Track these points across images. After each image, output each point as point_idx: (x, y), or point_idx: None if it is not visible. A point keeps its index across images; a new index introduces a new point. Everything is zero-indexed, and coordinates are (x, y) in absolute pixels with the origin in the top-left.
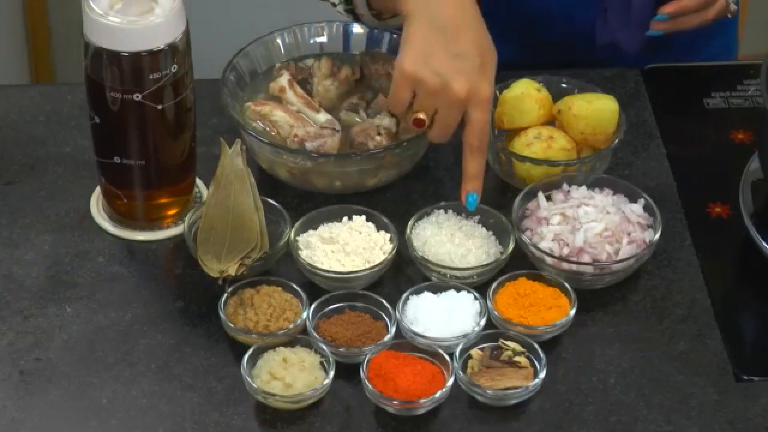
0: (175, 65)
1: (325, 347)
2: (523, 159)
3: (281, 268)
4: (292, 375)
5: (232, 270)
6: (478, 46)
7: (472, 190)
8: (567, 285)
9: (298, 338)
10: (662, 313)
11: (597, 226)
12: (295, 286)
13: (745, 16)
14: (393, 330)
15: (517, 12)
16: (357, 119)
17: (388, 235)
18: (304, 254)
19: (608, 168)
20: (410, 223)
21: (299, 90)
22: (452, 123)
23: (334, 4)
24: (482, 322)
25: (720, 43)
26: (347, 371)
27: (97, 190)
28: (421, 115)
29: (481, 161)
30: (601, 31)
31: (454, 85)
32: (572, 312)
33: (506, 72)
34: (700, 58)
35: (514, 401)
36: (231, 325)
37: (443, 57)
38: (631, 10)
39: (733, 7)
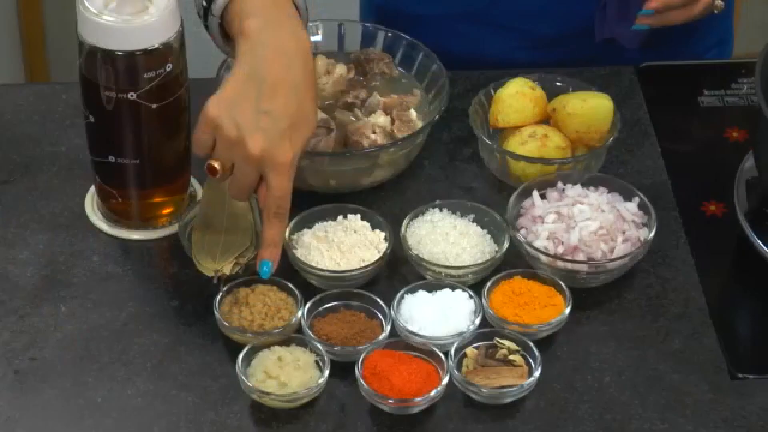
0: (170, 64)
1: (320, 346)
2: (518, 157)
3: (276, 266)
4: (287, 374)
5: (226, 269)
6: (292, 110)
7: (267, 257)
8: (562, 283)
9: (293, 337)
10: (657, 311)
11: (592, 224)
12: (290, 284)
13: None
14: (388, 329)
15: (515, 8)
16: (352, 118)
17: (383, 234)
18: (299, 253)
19: (603, 166)
20: (405, 221)
21: None
22: (246, 181)
23: (199, 15)
24: (477, 321)
25: (717, 34)
26: (342, 370)
27: (92, 190)
28: (215, 163)
29: (280, 228)
30: (600, 26)
31: (248, 141)
32: (567, 310)
33: (501, 70)
34: (697, 50)
35: (509, 400)
36: (226, 324)
37: (248, 110)
38: (629, 6)
39: (719, 2)
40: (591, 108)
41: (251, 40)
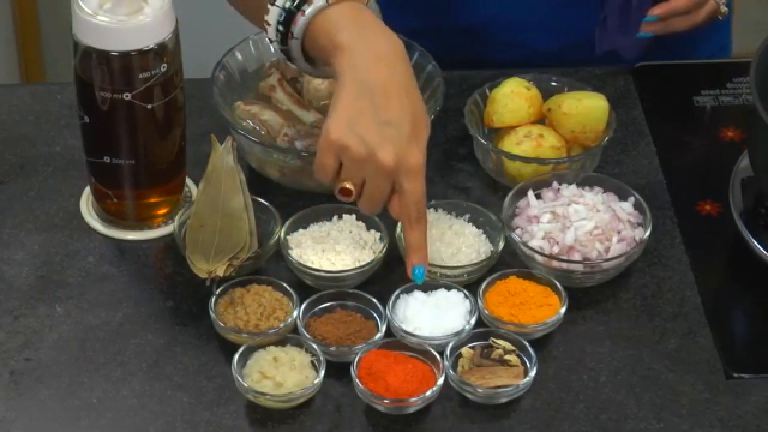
0: (165, 65)
1: (315, 346)
2: (513, 157)
3: (271, 267)
4: (282, 374)
5: (220, 271)
6: (408, 112)
7: (417, 263)
8: (557, 283)
9: (289, 337)
10: (652, 311)
11: (587, 224)
12: (285, 285)
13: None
14: (383, 329)
15: (514, 22)
16: None
17: (378, 234)
18: (295, 253)
19: (598, 166)
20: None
21: (289, 89)
22: (380, 194)
23: (271, 41)
24: (473, 321)
25: (717, 40)
26: (338, 370)
27: (87, 190)
28: (348, 185)
29: (422, 231)
30: (600, 39)
31: (380, 154)
32: (563, 310)
33: (496, 70)
34: (696, 57)
35: (504, 399)
36: (221, 324)
37: (370, 124)
38: (630, 16)
39: (723, 9)
40: (586, 108)
41: (349, 54)
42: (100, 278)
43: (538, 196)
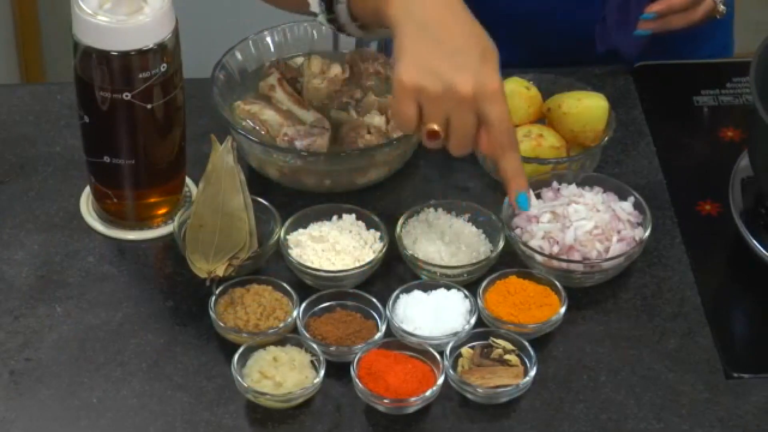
0: (165, 64)
1: (315, 346)
2: None
3: (271, 266)
4: (282, 374)
5: (219, 271)
6: (473, 39)
7: (519, 189)
8: (557, 283)
9: (289, 337)
10: (652, 310)
11: (587, 224)
12: (285, 284)
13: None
14: (383, 328)
15: (516, 21)
16: (347, 118)
17: (378, 234)
18: (294, 253)
19: (598, 166)
20: (400, 221)
21: (289, 89)
22: (467, 128)
23: (315, 14)
24: (472, 321)
25: (719, 39)
26: (338, 370)
27: (87, 190)
28: (434, 126)
29: (516, 158)
30: (601, 38)
31: (458, 84)
32: (562, 310)
33: None
34: (698, 56)
35: (504, 399)
36: (221, 324)
37: (439, 59)
38: (629, 14)
39: (721, 7)
40: (586, 107)
41: (399, 1)
42: (100, 278)
43: (538, 196)
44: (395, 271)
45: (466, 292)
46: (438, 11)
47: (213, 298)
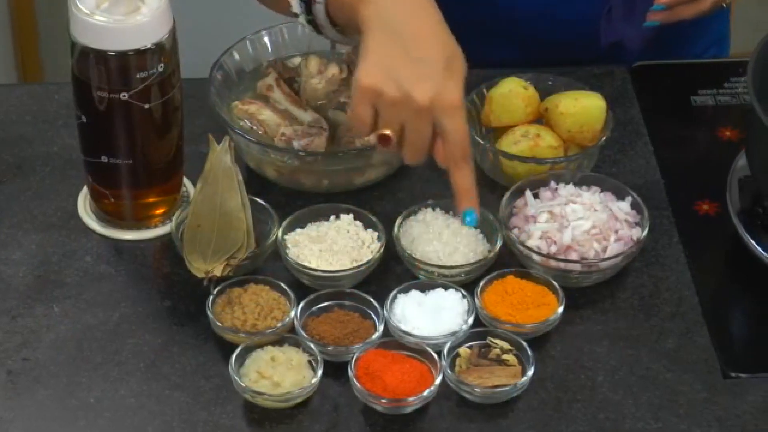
0: (162, 64)
1: (313, 346)
2: (511, 157)
3: (269, 266)
4: (280, 374)
5: (217, 271)
6: (441, 49)
7: (468, 206)
8: (555, 283)
9: (286, 337)
10: (650, 310)
11: (584, 223)
12: (282, 284)
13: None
14: (381, 328)
15: (520, 13)
16: (344, 118)
17: (376, 234)
18: (292, 253)
19: (595, 166)
20: (398, 221)
21: (286, 89)
22: (422, 138)
23: (296, 15)
24: (470, 320)
25: (716, 31)
26: (335, 370)
27: (85, 190)
28: (387, 131)
29: (469, 173)
30: (606, 30)
31: (415, 93)
32: (560, 310)
33: (493, 70)
34: (696, 48)
35: (502, 399)
36: (219, 324)
37: (402, 65)
38: (635, 8)
39: None
40: (583, 107)
41: (374, 2)
42: (98, 278)
43: (536, 196)
44: (393, 271)
45: (464, 292)
46: (411, 18)
47: (211, 298)
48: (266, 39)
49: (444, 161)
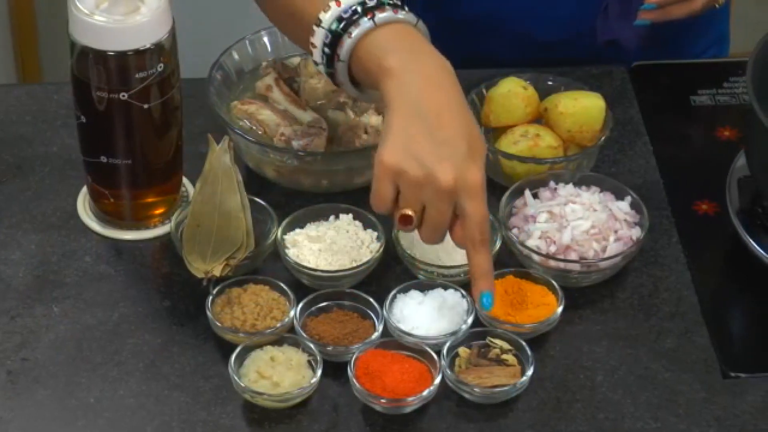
0: (162, 64)
1: (312, 346)
2: (510, 157)
3: (268, 266)
4: (279, 374)
5: (217, 271)
6: (463, 131)
7: (485, 288)
8: (554, 283)
9: (286, 337)
10: (649, 310)
11: (584, 223)
12: (282, 284)
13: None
14: (380, 328)
15: (518, 12)
16: (344, 118)
17: (375, 234)
18: (291, 253)
19: (595, 166)
20: None
21: (286, 89)
22: (442, 218)
23: (316, 63)
24: (469, 320)
25: (716, 31)
26: (335, 370)
27: (84, 190)
28: (408, 212)
29: (487, 255)
30: (602, 28)
31: (439, 174)
32: (559, 310)
33: (493, 70)
34: (695, 49)
35: (501, 399)
36: (218, 324)
37: (426, 145)
38: (631, 6)
39: None
40: (583, 107)
41: (398, 77)
42: (97, 278)
43: (535, 196)
44: (392, 271)
45: (464, 292)
46: (435, 98)
47: (210, 298)
48: (266, 39)
49: (461, 242)
